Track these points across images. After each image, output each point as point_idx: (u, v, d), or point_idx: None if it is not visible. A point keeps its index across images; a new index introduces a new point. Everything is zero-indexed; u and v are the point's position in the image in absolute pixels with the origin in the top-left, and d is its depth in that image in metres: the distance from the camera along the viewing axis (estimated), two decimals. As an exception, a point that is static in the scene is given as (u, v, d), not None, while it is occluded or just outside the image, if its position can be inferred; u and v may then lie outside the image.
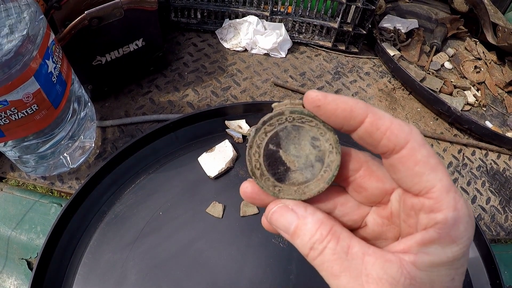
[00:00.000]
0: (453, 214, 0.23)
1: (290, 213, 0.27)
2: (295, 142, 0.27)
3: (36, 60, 0.49)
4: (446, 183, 0.23)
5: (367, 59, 1.02)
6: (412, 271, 0.23)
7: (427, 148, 0.24)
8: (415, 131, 0.24)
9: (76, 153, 0.67)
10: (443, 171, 0.24)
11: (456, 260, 0.23)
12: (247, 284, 0.57)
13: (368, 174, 0.28)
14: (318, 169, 0.27)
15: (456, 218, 0.23)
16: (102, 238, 0.60)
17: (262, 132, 0.27)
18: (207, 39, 0.96)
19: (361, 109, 0.24)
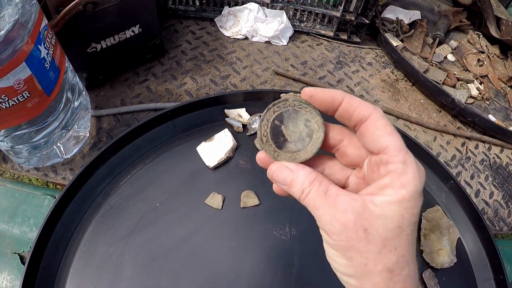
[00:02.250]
0: (403, 166, 0.31)
1: (286, 170, 0.36)
2: (293, 121, 0.36)
3: (28, 45, 0.48)
4: (399, 144, 0.31)
5: (369, 49, 1.00)
6: (371, 206, 0.31)
7: (385, 120, 0.32)
8: (377, 108, 0.33)
9: (70, 143, 0.65)
10: (396, 136, 0.32)
11: (405, 201, 0.30)
12: (248, 277, 0.56)
13: (349, 143, 0.36)
14: (307, 142, 0.36)
15: (405, 169, 0.31)
16: (97, 231, 0.58)
17: (271, 111, 0.36)
18: (206, 27, 0.94)
19: (340, 94, 0.33)
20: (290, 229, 0.60)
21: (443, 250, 0.62)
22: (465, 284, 0.62)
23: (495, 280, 0.62)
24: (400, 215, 0.30)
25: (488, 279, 0.63)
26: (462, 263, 0.63)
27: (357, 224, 0.31)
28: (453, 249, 0.63)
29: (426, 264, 0.61)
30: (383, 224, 0.31)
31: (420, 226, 0.64)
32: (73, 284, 0.54)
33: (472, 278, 0.63)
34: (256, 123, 0.70)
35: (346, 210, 0.31)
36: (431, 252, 0.61)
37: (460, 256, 0.63)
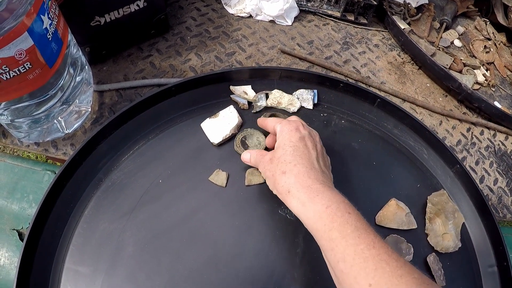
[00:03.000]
0: (278, 133, 0.55)
1: (247, 153, 0.59)
2: (251, 138, 0.65)
3: (30, 15, 0.46)
4: (275, 122, 0.58)
5: (376, 31, 0.98)
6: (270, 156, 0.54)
7: (275, 118, 0.60)
8: (280, 129, 0.55)
9: (71, 117, 0.64)
10: (276, 120, 0.59)
11: (281, 134, 0.54)
12: (251, 257, 0.55)
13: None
14: (257, 146, 0.65)
15: (278, 133, 0.55)
16: (98, 207, 0.57)
17: (240, 134, 0.66)
18: (211, 4, 0.92)
19: (273, 123, 0.58)
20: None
21: (448, 235, 0.61)
22: (469, 269, 0.62)
23: (498, 267, 0.62)
24: (283, 143, 0.52)
25: (491, 265, 0.63)
26: (466, 248, 0.63)
27: (268, 159, 0.53)
28: (458, 233, 0.62)
29: (430, 248, 0.60)
30: (277, 153, 0.52)
31: (425, 210, 0.63)
32: (72, 261, 0.53)
33: (475, 264, 0.62)
34: (262, 100, 0.69)
35: (265, 155, 0.54)
36: (436, 236, 0.61)
37: (464, 241, 0.63)
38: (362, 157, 0.67)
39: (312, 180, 0.47)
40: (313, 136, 0.55)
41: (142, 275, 0.52)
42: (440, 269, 0.58)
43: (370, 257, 0.40)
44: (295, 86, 0.73)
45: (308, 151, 0.50)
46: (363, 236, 0.42)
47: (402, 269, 0.39)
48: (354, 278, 0.40)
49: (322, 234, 0.44)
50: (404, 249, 0.58)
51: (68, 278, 0.52)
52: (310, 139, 0.53)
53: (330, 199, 0.45)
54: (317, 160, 0.50)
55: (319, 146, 0.54)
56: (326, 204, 0.44)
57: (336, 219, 0.43)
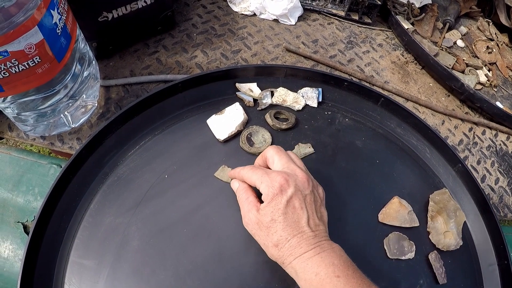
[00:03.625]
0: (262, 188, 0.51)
1: (235, 183, 0.56)
2: (256, 135, 0.66)
3: (41, 9, 0.47)
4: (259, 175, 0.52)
5: (380, 31, 0.99)
6: (259, 208, 0.51)
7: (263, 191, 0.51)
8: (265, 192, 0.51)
9: (77, 112, 0.64)
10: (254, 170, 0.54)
11: (268, 205, 0.49)
12: (256, 252, 0.55)
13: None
14: (263, 143, 0.65)
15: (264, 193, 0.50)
16: (104, 201, 0.58)
17: (246, 131, 0.65)
18: (217, 1, 0.93)
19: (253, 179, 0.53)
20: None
21: (450, 233, 0.62)
22: (470, 267, 0.62)
23: (499, 265, 0.62)
24: (270, 212, 0.49)
25: (492, 264, 0.63)
26: (467, 247, 0.63)
27: (254, 221, 0.50)
28: (459, 232, 0.63)
29: (432, 246, 0.61)
30: (265, 219, 0.49)
31: (427, 208, 0.64)
32: (77, 254, 0.53)
33: (476, 262, 0.63)
34: (267, 98, 0.70)
35: (250, 212, 0.51)
36: (438, 234, 0.61)
37: (466, 240, 0.63)
38: (366, 155, 0.68)
39: (304, 248, 0.47)
40: (300, 187, 0.51)
41: (147, 269, 0.53)
42: (442, 267, 0.59)
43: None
44: (300, 84, 0.74)
45: (297, 215, 0.49)
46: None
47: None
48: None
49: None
50: (406, 246, 0.59)
51: (73, 271, 0.52)
52: (296, 196, 0.50)
53: (319, 266, 0.46)
54: (307, 221, 0.49)
55: (308, 197, 0.51)
56: (315, 271, 0.45)
57: (325, 285, 0.44)
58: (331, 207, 0.58)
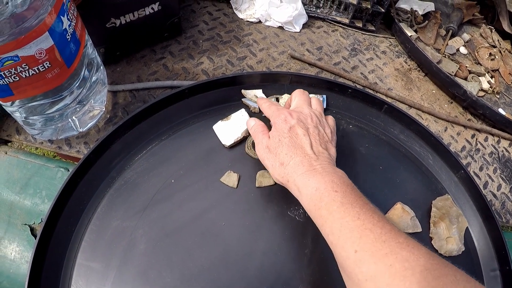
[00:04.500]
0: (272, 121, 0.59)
1: (251, 120, 0.62)
2: None
3: (51, 15, 0.48)
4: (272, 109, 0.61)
5: (383, 38, 1.00)
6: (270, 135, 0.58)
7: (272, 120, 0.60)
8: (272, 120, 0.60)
9: (85, 116, 0.65)
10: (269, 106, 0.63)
11: (275, 130, 0.57)
12: (261, 257, 0.56)
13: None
14: None
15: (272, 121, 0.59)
16: (111, 205, 0.58)
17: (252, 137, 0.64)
18: (223, 9, 0.93)
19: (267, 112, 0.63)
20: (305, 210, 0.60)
21: (452, 238, 0.62)
22: (472, 273, 0.62)
23: (501, 271, 0.63)
24: (277, 135, 0.56)
25: (494, 270, 0.63)
26: (469, 252, 0.63)
27: (266, 146, 0.56)
28: (462, 237, 0.63)
29: (435, 251, 0.61)
30: (273, 142, 0.55)
31: (430, 214, 0.64)
32: (84, 256, 0.54)
33: (478, 268, 0.63)
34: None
35: (263, 140, 0.57)
36: (440, 240, 0.62)
37: (468, 245, 0.63)
38: (369, 162, 0.68)
39: (306, 167, 0.51)
40: (304, 119, 0.58)
41: (153, 272, 0.53)
42: (444, 273, 0.59)
43: (355, 227, 0.44)
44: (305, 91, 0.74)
45: (300, 140, 0.54)
46: (348, 211, 0.46)
47: (386, 235, 0.43)
48: (342, 247, 0.45)
49: (314, 214, 0.49)
50: (409, 252, 0.60)
51: (80, 274, 0.53)
52: (299, 126, 0.56)
53: (319, 182, 0.49)
54: (310, 145, 0.54)
55: (311, 129, 0.57)
56: (315, 187, 0.49)
57: (324, 199, 0.48)
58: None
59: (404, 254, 0.41)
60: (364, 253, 0.42)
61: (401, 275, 0.39)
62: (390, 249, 0.41)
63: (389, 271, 0.40)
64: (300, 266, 0.56)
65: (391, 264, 0.40)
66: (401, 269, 0.40)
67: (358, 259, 0.42)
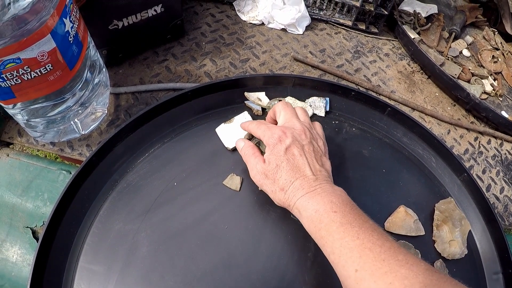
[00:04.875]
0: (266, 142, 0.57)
1: (240, 141, 0.61)
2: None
3: (53, 18, 0.48)
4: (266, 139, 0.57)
5: (386, 41, 1.00)
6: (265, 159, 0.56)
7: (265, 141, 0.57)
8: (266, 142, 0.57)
9: (87, 119, 0.65)
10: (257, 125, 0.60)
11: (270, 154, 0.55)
12: (264, 260, 0.56)
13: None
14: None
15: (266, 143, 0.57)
16: (113, 208, 0.58)
17: (254, 140, 0.63)
18: (226, 11, 0.94)
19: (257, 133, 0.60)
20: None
21: (455, 242, 0.62)
22: (474, 276, 0.62)
23: (504, 274, 0.63)
24: (274, 159, 0.54)
25: (496, 273, 0.63)
26: (472, 255, 0.63)
27: (262, 171, 0.55)
28: (464, 240, 0.63)
29: (437, 254, 0.61)
30: (270, 167, 0.54)
31: (433, 217, 0.64)
32: (86, 259, 0.54)
33: (481, 271, 0.63)
34: (276, 107, 0.70)
35: (257, 165, 0.56)
36: (443, 243, 0.62)
37: (471, 248, 0.63)
38: (372, 164, 0.68)
39: (306, 189, 0.51)
40: (297, 138, 0.56)
41: (156, 275, 0.53)
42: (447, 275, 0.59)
43: (355, 247, 0.45)
44: (308, 93, 0.74)
45: (298, 162, 0.54)
46: (347, 231, 0.46)
47: (385, 254, 0.43)
48: (343, 266, 0.45)
49: (314, 235, 0.50)
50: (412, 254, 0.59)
51: (82, 277, 0.53)
52: (294, 145, 0.55)
53: (319, 203, 0.49)
54: (308, 166, 0.54)
55: (306, 147, 0.56)
56: (315, 209, 0.49)
57: (323, 220, 0.48)
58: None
59: (403, 272, 0.41)
60: (364, 272, 0.43)
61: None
62: (390, 267, 0.42)
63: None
64: (303, 269, 0.56)
65: (390, 282, 0.41)
66: (401, 287, 0.40)
67: (359, 278, 0.43)
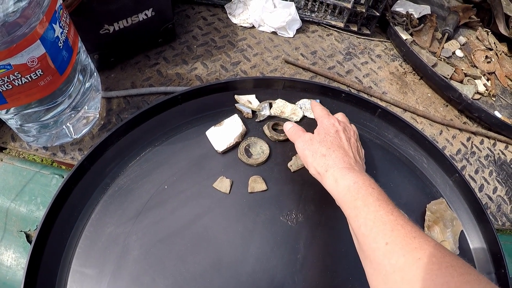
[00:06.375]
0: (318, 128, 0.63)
1: (290, 124, 0.66)
2: (255, 146, 0.67)
3: (43, 24, 0.48)
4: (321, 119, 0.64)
5: (378, 42, 1.00)
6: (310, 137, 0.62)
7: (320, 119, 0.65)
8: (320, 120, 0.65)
9: (79, 123, 0.65)
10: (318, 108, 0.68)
11: (316, 141, 0.60)
12: (253, 261, 0.56)
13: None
14: (261, 154, 0.66)
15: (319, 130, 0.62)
16: (105, 211, 0.58)
17: (244, 142, 0.66)
18: (217, 14, 0.94)
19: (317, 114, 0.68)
20: (297, 215, 0.61)
21: (446, 242, 0.62)
22: (467, 276, 0.62)
23: (496, 274, 0.63)
24: (324, 131, 0.61)
25: (489, 273, 0.63)
26: (465, 256, 0.64)
27: (309, 139, 0.60)
28: (456, 241, 0.63)
29: (429, 255, 0.61)
30: (318, 136, 0.60)
31: (424, 217, 0.64)
32: (79, 263, 0.54)
33: (473, 271, 0.63)
34: (266, 109, 0.71)
35: (305, 136, 0.61)
36: (435, 244, 0.62)
37: (463, 249, 0.64)
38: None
39: (346, 163, 0.55)
40: (348, 130, 0.63)
41: (146, 278, 0.53)
42: (438, 276, 0.59)
43: (388, 221, 0.46)
44: (298, 96, 0.75)
45: (343, 143, 0.59)
46: (383, 205, 0.48)
47: (416, 233, 0.44)
48: (373, 238, 0.46)
49: (348, 204, 0.51)
50: (403, 256, 0.60)
51: (75, 280, 0.53)
52: (344, 133, 0.61)
53: (358, 177, 0.52)
54: (350, 149, 0.59)
55: (352, 140, 0.61)
56: (354, 180, 0.51)
57: (361, 191, 0.50)
58: (328, 217, 0.59)
59: (432, 251, 0.42)
60: (394, 245, 0.44)
61: (429, 269, 0.40)
62: (420, 244, 0.43)
63: (417, 264, 0.41)
64: (292, 271, 0.56)
65: (419, 258, 0.41)
66: (429, 263, 0.41)
67: (388, 251, 0.44)
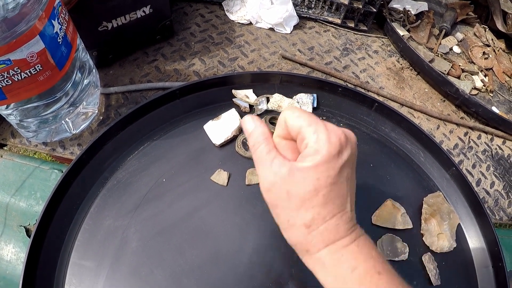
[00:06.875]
0: (314, 136, 0.36)
1: (250, 122, 0.42)
2: None
3: (42, 20, 0.48)
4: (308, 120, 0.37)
5: (375, 38, 1.00)
6: (294, 168, 0.36)
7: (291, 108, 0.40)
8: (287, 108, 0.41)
9: (78, 118, 0.66)
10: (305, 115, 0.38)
11: (320, 166, 0.35)
12: (251, 253, 0.56)
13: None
14: None
15: (316, 137, 0.36)
16: (103, 205, 0.59)
17: (241, 136, 0.64)
18: (215, 11, 0.94)
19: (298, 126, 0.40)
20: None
21: (443, 235, 0.63)
22: (464, 269, 0.62)
23: (494, 267, 0.63)
24: (316, 179, 0.35)
25: (486, 266, 0.63)
26: (462, 249, 0.64)
27: (281, 187, 0.36)
28: (453, 234, 0.63)
29: (426, 248, 0.62)
30: (302, 187, 0.36)
31: (421, 211, 0.64)
32: (78, 256, 0.55)
33: (471, 264, 0.63)
34: (263, 104, 0.71)
35: (277, 172, 0.37)
36: (431, 236, 0.62)
37: (460, 242, 0.64)
38: (360, 159, 0.67)
39: (340, 232, 0.37)
40: (354, 151, 0.39)
41: (145, 269, 0.54)
42: (435, 268, 0.59)
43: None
44: (295, 90, 0.75)
45: (344, 189, 0.37)
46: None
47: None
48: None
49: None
50: (400, 248, 0.60)
51: (74, 272, 0.53)
52: (350, 162, 0.38)
53: (357, 258, 0.36)
54: (350, 197, 0.38)
55: (354, 168, 0.40)
56: (352, 265, 0.36)
57: (365, 283, 0.35)
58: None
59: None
60: None
61: None
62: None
63: None
64: (290, 263, 0.56)
65: None
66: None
67: None
